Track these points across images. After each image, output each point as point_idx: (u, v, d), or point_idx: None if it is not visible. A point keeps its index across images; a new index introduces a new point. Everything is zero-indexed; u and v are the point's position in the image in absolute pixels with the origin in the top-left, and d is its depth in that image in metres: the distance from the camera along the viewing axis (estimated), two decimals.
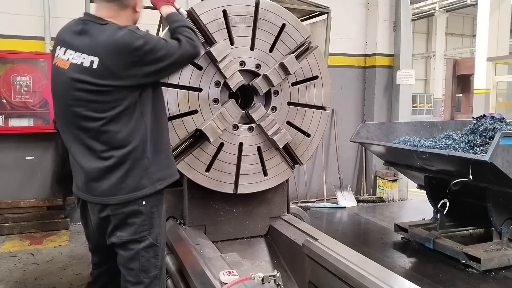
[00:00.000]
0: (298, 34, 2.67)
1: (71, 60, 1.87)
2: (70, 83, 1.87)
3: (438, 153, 4.00)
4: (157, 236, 2.02)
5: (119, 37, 1.82)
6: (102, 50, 1.82)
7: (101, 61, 1.81)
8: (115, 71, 1.82)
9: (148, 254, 2.00)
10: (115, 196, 1.92)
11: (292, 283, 2.67)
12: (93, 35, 1.86)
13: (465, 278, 3.97)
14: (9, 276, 3.85)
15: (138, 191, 1.94)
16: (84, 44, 1.86)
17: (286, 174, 2.81)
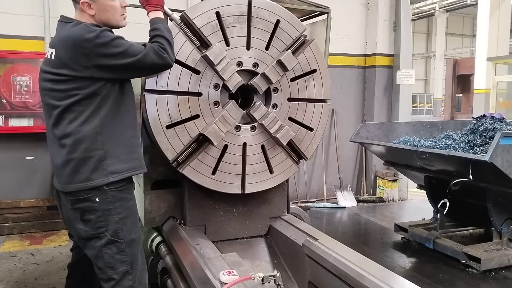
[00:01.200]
0: (293, 29, 2.67)
1: (47, 55, 2.10)
2: (40, 75, 2.10)
3: (438, 153, 4.00)
4: (116, 232, 2.05)
5: (72, 30, 2.01)
6: (58, 43, 2.03)
7: (56, 52, 2.02)
8: (66, 61, 1.98)
9: (111, 251, 2.05)
10: (70, 185, 2.02)
11: (292, 283, 2.67)
12: (58, 32, 2.12)
13: (465, 278, 3.97)
14: (9, 276, 3.85)
15: (89, 181, 2.01)
16: (52, 40, 2.15)
17: (291, 170, 2.82)
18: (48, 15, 5.04)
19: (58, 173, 2.08)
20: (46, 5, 5.03)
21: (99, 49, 1.95)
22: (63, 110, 2.00)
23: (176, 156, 2.47)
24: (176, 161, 2.49)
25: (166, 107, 2.40)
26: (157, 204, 2.77)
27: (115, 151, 2.06)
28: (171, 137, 2.43)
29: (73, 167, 2.01)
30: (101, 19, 2.13)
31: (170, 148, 2.44)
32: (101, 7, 2.11)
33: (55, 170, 2.12)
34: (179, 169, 2.49)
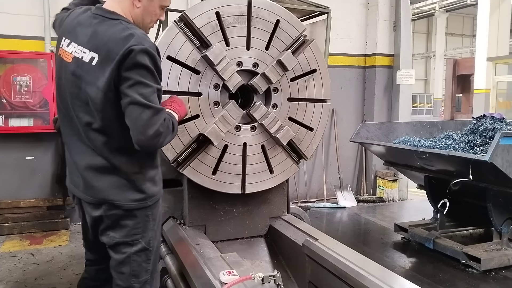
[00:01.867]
0: (293, 28, 2.67)
1: (74, 53, 1.83)
2: (71, 78, 1.85)
3: (438, 153, 4.00)
4: (150, 240, 1.99)
5: (123, 35, 1.75)
6: (104, 47, 1.76)
7: (100, 58, 1.76)
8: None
9: (140, 259, 1.98)
10: (120, 202, 1.91)
11: (292, 283, 2.67)
12: (99, 32, 1.80)
13: (465, 278, 3.97)
14: (9, 276, 3.85)
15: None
16: (88, 38, 1.81)
17: (292, 170, 2.82)
18: (48, 15, 5.04)
19: (88, 184, 1.92)
20: (46, 5, 5.03)
21: (136, 66, 1.73)
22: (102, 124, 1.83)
23: (176, 156, 2.47)
24: (176, 161, 2.49)
25: None
26: None
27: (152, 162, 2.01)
28: None
29: (114, 179, 1.89)
30: (139, 17, 1.94)
31: (170, 148, 2.44)
32: (149, 8, 1.94)
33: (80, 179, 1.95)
34: (179, 169, 2.49)
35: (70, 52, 1.85)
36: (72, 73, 1.84)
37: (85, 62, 1.80)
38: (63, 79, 1.91)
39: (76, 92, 1.85)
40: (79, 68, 1.82)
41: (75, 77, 1.84)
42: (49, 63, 4.92)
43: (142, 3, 1.91)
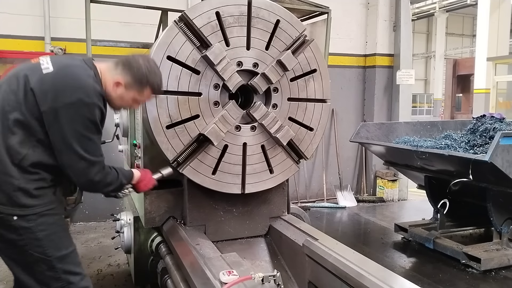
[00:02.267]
0: (293, 28, 2.66)
1: (40, 60, 2.05)
2: (26, 78, 2.02)
3: (438, 153, 4.00)
4: (44, 250, 1.99)
5: (80, 75, 1.98)
6: (57, 72, 1.98)
7: (53, 74, 1.98)
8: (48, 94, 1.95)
9: (40, 268, 2.00)
10: None
11: (292, 283, 2.67)
12: (68, 60, 2.09)
13: (465, 278, 3.97)
14: (9, 276, 3.85)
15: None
16: (57, 60, 2.08)
17: (292, 170, 2.82)
18: (48, 15, 5.04)
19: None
20: (46, 5, 5.04)
21: (77, 113, 1.91)
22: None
23: (176, 156, 2.47)
24: (176, 161, 2.49)
25: (166, 107, 2.40)
26: (157, 204, 2.76)
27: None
28: (171, 137, 2.43)
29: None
30: (111, 96, 2.10)
31: (170, 148, 2.44)
32: (123, 96, 2.11)
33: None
34: (179, 169, 2.49)
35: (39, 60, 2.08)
36: (29, 76, 2.02)
37: (40, 68, 2.00)
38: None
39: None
40: (31, 70, 2.02)
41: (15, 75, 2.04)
42: None
43: (119, 91, 2.08)
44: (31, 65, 2.04)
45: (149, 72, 2.08)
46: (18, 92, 1.95)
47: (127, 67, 2.06)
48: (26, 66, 2.05)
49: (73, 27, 5.10)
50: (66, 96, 1.90)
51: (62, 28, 5.17)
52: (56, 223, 2.06)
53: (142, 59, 2.09)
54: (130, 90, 2.09)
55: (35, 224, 1.96)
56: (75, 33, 5.09)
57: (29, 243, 1.96)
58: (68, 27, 5.16)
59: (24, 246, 1.96)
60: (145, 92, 2.11)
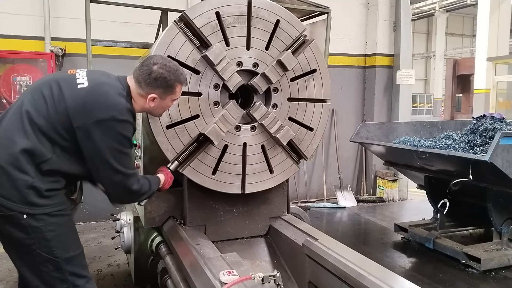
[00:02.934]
0: (293, 28, 2.66)
1: (76, 72, 2.13)
2: (58, 86, 2.07)
3: (438, 153, 4.00)
4: (51, 250, 1.99)
5: (113, 96, 2.02)
6: (91, 92, 2.02)
7: (85, 91, 2.03)
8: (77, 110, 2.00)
9: (47, 269, 2.00)
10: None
11: (292, 283, 2.67)
12: (101, 80, 2.10)
13: (465, 278, 3.97)
14: (9, 276, 3.85)
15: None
16: (95, 76, 2.13)
17: (292, 170, 2.82)
18: (48, 15, 5.04)
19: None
20: (46, 5, 5.04)
21: (112, 130, 1.96)
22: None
23: (176, 156, 2.47)
24: (176, 161, 2.49)
25: None
26: (157, 204, 2.77)
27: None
28: (171, 137, 2.43)
29: None
30: (150, 110, 2.20)
31: (170, 148, 2.44)
32: (162, 104, 2.17)
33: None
34: (179, 169, 2.49)
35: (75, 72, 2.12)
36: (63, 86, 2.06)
37: (74, 81, 2.05)
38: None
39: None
40: (65, 80, 2.08)
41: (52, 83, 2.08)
42: (49, 63, 4.92)
43: (155, 103, 2.14)
44: (67, 76, 2.09)
45: (171, 73, 2.10)
46: (50, 100, 1.98)
47: (152, 80, 2.07)
48: (62, 76, 2.09)
49: (73, 27, 5.10)
50: (100, 114, 1.95)
51: (62, 28, 5.17)
52: (66, 224, 2.07)
53: (156, 65, 2.08)
54: (165, 97, 2.14)
55: (44, 224, 1.96)
56: (75, 33, 5.09)
57: (37, 242, 1.96)
58: (68, 27, 5.16)
59: (32, 245, 1.96)
60: (177, 90, 2.17)
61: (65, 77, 2.07)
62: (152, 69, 2.06)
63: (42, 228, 1.96)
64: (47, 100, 1.98)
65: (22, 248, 1.98)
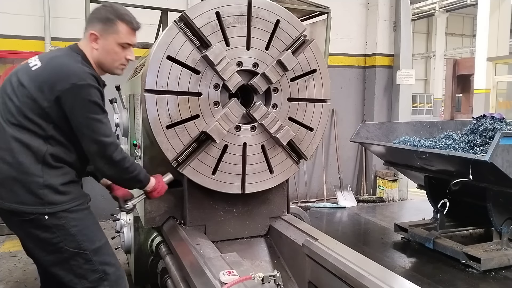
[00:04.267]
0: (293, 28, 2.66)
1: (29, 61, 2.09)
2: (17, 78, 2.05)
3: (438, 153, 4.00)
4: (79, 244, 2.01)
5: (67, 62, 1.98)
6: (47, 63, 2.00)
7: (41, 68, 2.01)
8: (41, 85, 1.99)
9: (77, 262, 2.02)
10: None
11: (292, 283, 2.67)
12: (51, 54, 2.12)
13: (465, 278, 3.97)
14: (9, 276, 3.86)
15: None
16: (45, 55, 2.14)
17: (292, 170, 2.82)
18: (48, 15, 5.04)
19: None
20: (46, 5, 5.04)
21: (77, 98, 1.91)
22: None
23: (176, 156, 2.47)
24: (176, 161, 2.49)
25: (166, 107, 2.40)
26: (157, 204, 2.77)
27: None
28: (171, 137, 2.43)
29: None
30: (99, 58, 2.10)
31: (170, 148, 2.44)
32: (106, 47, 2.08)
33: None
34: (179, 169, 2.49)
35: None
36: (19, 77, 2.03)
37: (29, 67, 2.02)
38: None
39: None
40: (22, 71, 2.03)
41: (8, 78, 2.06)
42: None
43: (99, 45, 2.06)
44: (20, 67, 2.07)
45: (110, 8, 2.08)
46: (14, 96, 1.97)
47: (90, 19, 2.06)
48: (16, 69, 2.07)
49: (73, 27, 5.10)
50: (60, 85, 1.91)
51: (62, 28, 5.17)
52: (87, 218, 2.09)
53: (99, 6, 2.11)
54: (107, 37, 2.05)
55: (66, 220, 1.99)
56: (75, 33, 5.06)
57: (63, 239, 1.98)
58: (68, 27, 5.15)
59: (59, 243, 1.98)
60: (120, 29, 2.07)
61: (18, 68, 2.05)
62: (95, 9, 2.09)
63: (65, 225, 1.99)
64: (12, 97, 1.97)
65: (51, 248, 2.00)
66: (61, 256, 2.01)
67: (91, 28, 2.05)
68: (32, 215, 1.93)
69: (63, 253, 2.00)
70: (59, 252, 2.00)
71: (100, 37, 2.05)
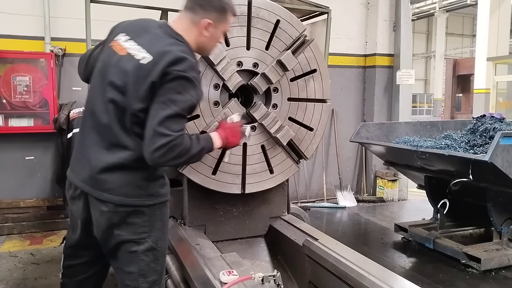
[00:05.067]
0: (293, 29, 2.67)
1: (128, 50, 1.86)
2: (116, 70, 1.86)
3: (438, 153, 4.00)
4: (157, 239, 1.98)
5: (177, 53, 1.80)
6: (159, 56, 1.79)
7: (153, 62, 1.79)
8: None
9: (148, 258, 1.96)
10: (129, 198, 1.91)
11: (292, 283, 2.67)
12: (154, 42, 1.87)
13: (465, 278, 3.97)
14: (9, 276, 3.85)
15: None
16: (147, 42, 1.86)
17: (292, 170, 2.82)
18: (48, 15, 5.04)
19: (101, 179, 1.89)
20: (46, 5, 5.03)
21: (173, 82, 1.78)
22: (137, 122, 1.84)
23: None
24: None
25: None
26: None
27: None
28: None
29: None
30: (203, 43, 2.02)
31: None
32: (214, 35, 2.02)
33: (91, 174, 1.90)
34: (179, 169, 2.49)
35: (125, 48, 1.88)
36: (121, 66, 1.85)
37: (136, 60, 1.83)
38: (107, 67, 1.91)
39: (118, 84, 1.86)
40: (128, 63, 1.84)
41: (122, 71, 1.85)
42: (49, 63, 4.91)
43: (209, 32, 1.98)
44: (120, 59, 1.87)
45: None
46: (132, 87, 1.83)
47: (204, 5, 1.95)
48: (114, 60, 1.88)
49: (73, 27, 5.10)
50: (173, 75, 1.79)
51: (62, 28, 5.16)
52: (167, 215, 2.09)
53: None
54: (218, 25, 2.00)
55: (160, 212, 1.99)
56: (75, 33, 5.08)
57: (149, 230, 1.95)
58: (68, 27, 5.15)
59: (143, 233, 1.94)
60: (229, 19, 2.05)
61: (119, 59, 1.87)
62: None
63: (158, 217, 1.98)
64: (130, 89, 1.83)
65: (134, 237, 1.93)
66: (137, 247, 1.94)
67: (206, 15, 1.95)
68: (135, 207, 1.91)
69: (140, 244, 1.94)
70: (136, 243, 1.93)
71: (213, 25, 1.98)
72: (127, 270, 1.96)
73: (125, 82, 1.83)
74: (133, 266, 1.95)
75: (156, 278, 2.00)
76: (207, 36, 1.99)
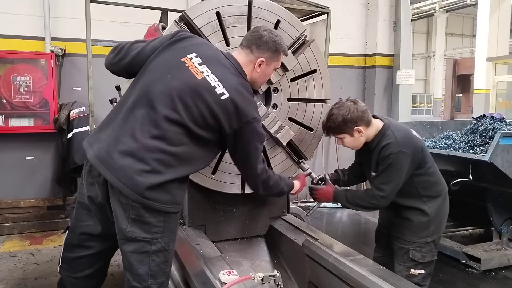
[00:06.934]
0: (293, 29, 2.67)
1: (206, 76, 1.98)
2: (195, 90, 1.95)
3: (438, 153, 4.00)
4: (169, 241, 1.99)
5: (246, 94, 2.03)
6: (236, 93, 1.98)
7: (231, 98, 1.96)
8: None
9: (159, 259, 1.96)
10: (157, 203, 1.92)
11: (292, 283, 2.67)
12: (227, 75, 2.02)
13: (465, 278, 3.97)
14: (9, 276, 3.85)
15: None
16: (221, 74, 2.00)
17: (291, 170, 2.82)
18: (48, 15, 5.04)
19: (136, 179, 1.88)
20: (46, 5, 5.03)
21: (253, 134, 2.04)
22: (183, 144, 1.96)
23: None
24: None
25: None
26: None
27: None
28: None
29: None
30: (256, 78, 2.21)
31: None
32: (266, 72, 2.22)
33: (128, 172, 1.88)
34: None
35: (201, 72, 1.99)
36: (196, 88, 1.95)
37: (215, 93, 1.96)
38: (179, 82, 1.97)
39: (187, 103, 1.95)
40: (207, 92, 1.95)
41: (196, 93, 1.94)
42: (49, 63, 4.92)
43: (261, 69, 2.17)
44: (198, 83, 1.97)
45: (279, 39, 2.19)
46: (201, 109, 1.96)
47: (263, 43, 2.13)
48: (191, 82, 1.97)
49: (73, 27, 5.10)
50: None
51: (62, 28, 5.16)
52: (178, 218, 2.17)
53: (266, 31, 2.17)
54: (270, 63, 2.20)
55: (174, 215, 2.02)
56: (75, 33, 5.09)
57: (163, 231, 1.96)
58: (68, 27, 5.15)
59: (157, 233, 1.94)
60: (280, 58, 2.24)
61: (199, 86, 1.97)
62: (263, 33, 2.14)
63: (172, 218, 2.00)
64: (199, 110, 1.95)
65: (148, 236, 1.93)
66: (149, 247, 1.94)
67: (260, 54, 2.14)
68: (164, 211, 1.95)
69: (152, 244, 1.94)
70: (149, 243, 1.93)
71: (265, 63, 2.16)
72: (136, 271, 1.95)
73: (198, 107, 1.94)
74: (143, 267, 1.95)
75: (163, 280, 2.00)
76: (259, 72, 2.18)
